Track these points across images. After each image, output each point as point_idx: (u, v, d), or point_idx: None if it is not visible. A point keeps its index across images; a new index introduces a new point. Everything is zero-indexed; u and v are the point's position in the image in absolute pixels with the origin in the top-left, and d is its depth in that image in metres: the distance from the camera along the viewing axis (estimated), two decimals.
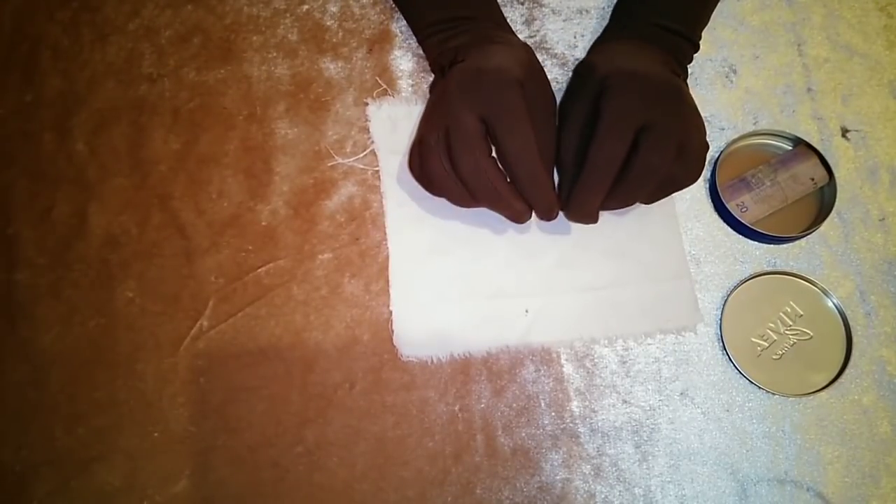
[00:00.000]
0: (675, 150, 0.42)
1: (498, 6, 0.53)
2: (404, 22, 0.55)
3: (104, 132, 0.53)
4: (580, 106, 0.46)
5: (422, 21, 0.52)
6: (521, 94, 0.43)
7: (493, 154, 0.45)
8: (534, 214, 0.47)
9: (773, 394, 0.48)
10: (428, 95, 0.53)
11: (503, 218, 0.50)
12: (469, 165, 0.43)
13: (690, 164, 0.44)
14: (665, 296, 0.50)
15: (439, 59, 0.50)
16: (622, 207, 0.46)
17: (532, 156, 0.43)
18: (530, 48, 0.50)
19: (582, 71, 0.48)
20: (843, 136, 0.54)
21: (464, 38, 0.49)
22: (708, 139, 0.53)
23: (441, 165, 0.44)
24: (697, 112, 0.46)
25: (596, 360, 0.49)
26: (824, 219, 0.51)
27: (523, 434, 0.47)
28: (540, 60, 0.54)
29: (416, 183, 0.49)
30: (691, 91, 0.47)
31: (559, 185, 0.49)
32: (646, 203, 0.48)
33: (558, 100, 0.51)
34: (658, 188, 0.45)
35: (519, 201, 0.45)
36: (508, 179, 0.45)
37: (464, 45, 0.48)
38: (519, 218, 0.46)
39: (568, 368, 0.49)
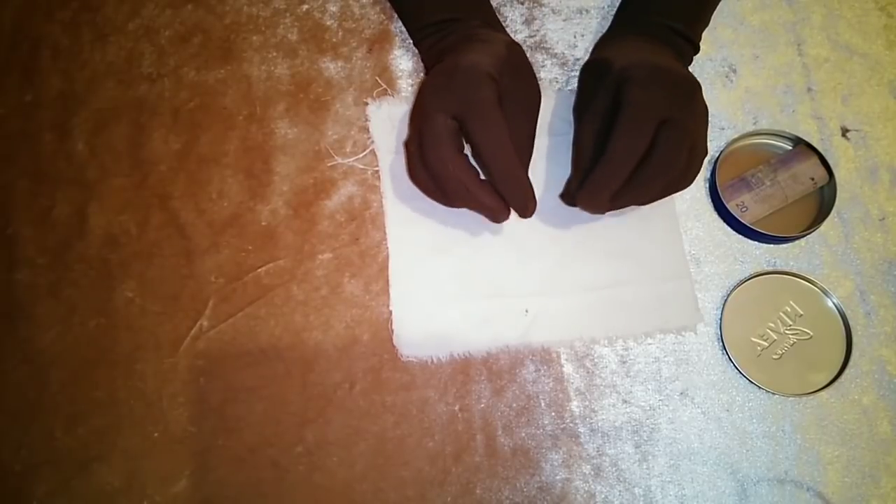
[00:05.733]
0: (688, 151, 0.42)
1: (490, 6, 0.53)
2: None
3: (104, 132, 0.53)
4: (597, 100, 0.45)
5: (415, 24, 0.52)
6: (493, 88, 0.42)
7: (468, 152, 0.44)
8: (514, 214, 0.46)
9: (773, 394, 0.48)
10: None
11: None
12: (437, 163, 0.42)
13: (693, 168, 0.44)
14: (665, 296, 0.50)
15: (429, 62, 0.51)
16: (629, 205, 0.45)
17: (505, 149, 0.42)
18: (516, 44, 0.49)
19: (595, 68, 0.48)
20: (843, 135, 0.54)
21: (449, 41, 0.49)
22: (708, 140, 0.53)
23: (418, 166, 0.44)
24: (707, 115, 0.46)
25: (596, 360, 0.49)
26: (824, 219, 0.51)
27: (523, 434, 0.47)
28: (540, 60, 0.55)
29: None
30: None
31: (570, 179, 0.49)
32: (644, 203, 0.47)
33: (569, 102, 0.52)
34: (661, 190, 0.44)
35: (491, 197, 0.43)
36: (483, 177, 0.44)
37: (447, 47, 0.48)
38: (495, 217, 0.45)
39: (568, 368, 0.49)
